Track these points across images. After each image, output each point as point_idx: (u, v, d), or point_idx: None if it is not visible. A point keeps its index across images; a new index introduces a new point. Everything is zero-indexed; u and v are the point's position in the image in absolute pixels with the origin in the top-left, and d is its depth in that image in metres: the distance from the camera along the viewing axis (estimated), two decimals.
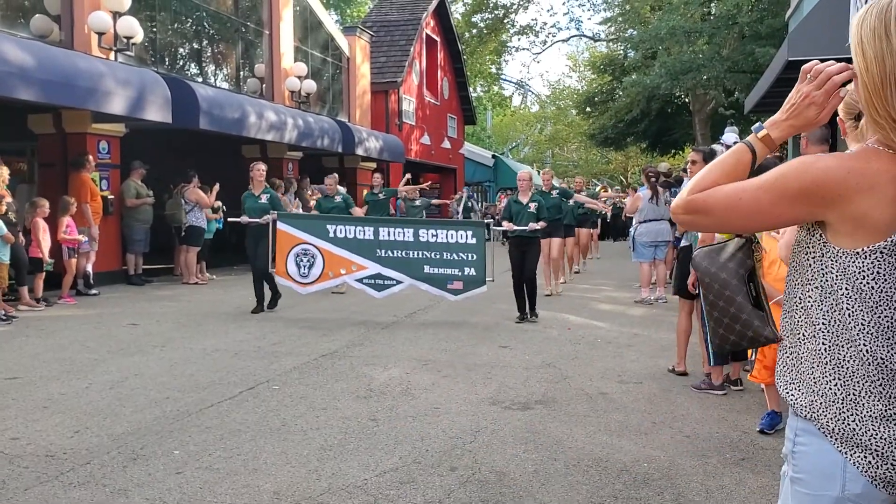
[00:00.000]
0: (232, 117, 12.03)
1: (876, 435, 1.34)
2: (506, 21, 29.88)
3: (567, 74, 59.06)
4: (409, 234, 8.08)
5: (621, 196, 18.74)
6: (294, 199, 13.38)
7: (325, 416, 4.52)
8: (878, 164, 1.33)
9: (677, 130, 26.23)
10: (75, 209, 9.42)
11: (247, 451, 3.89)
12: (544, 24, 48.83)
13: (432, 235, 8.03)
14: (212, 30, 14.37)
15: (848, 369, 1.36)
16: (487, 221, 8.99)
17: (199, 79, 13.63)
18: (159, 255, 12.33)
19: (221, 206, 11.70)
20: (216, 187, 11.47)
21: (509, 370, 5.80)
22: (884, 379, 1.34)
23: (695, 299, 5.37)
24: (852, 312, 1.36)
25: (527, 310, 8.10)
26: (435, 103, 25.06)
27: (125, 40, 10.79)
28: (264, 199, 8.64)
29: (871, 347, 1.35)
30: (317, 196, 12.92)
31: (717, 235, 4.78)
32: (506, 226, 8.26)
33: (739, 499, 3.36)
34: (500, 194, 26.17)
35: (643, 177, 9.90)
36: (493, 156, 31.38)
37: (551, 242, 10.02)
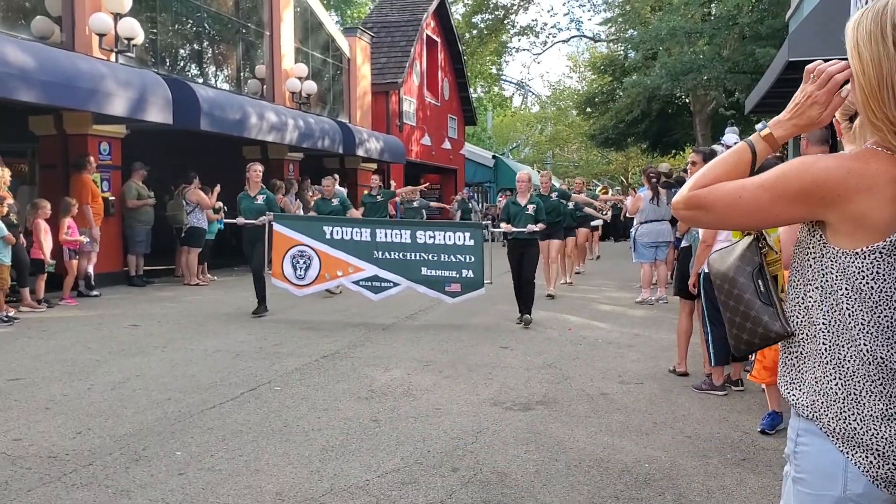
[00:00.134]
0: (233, 118, 12.05)
1: (877, 434, 1.35)
2: (506, 22, 29.92)
3: (567, 75, 59.10)
4: (406, 236, 7.96)
5: (621, 198, 18.76)
6: (295, 201, 13.38)
7: (327, 417, 4.53)
8: (877, 164, 1.34)
9: (678, 131, 26.25)
10: (76, 210, 9.44)
11: (249, 452, 3.90)
12: (544, 24, 48.95)
13: (430, 237, 7.92)
14: (212, 31, 14.38)
15: (848, 369, 1.37)
16: (485, 223, 8.89)
17: (200, 80, 13.65)
18: (160, 256, 12.34)
19: (223, 206, 11.71)
20: (217, 188, 11.48)
21: (510, 371, 5.81)
22: (884, 378, 1.35)
23: (695, 300, 5.38)
24: (852, 312, 1.36)
25: (520, 311, 7.95)
26: (435, 104, 25.08)
27: (126, 42, 10.81)
28: (260, 199, 8.53)
29: (871, 347, 1.35)
30: (318, 197, 12.90)
31: (725, 235, 4.80)
32: (504, 227, 8.13)
33: (740, 499, 3.36)
34: (500, 195, 26.16)
35: (644, 177, 9.91)
36: (493, 156, 31.39)
37: (550, 244, 10.00)
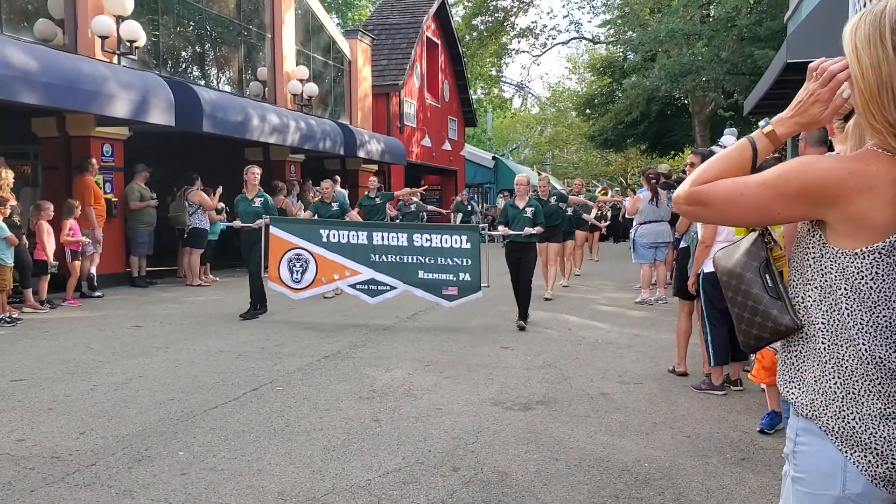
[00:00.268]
0: (234, 120, 12.08)
1: (876, 434, 1.36)
2: (506, 24, 29.93)
3: (567, 77, 59.04)
4: (403, 239, 7.88)
5: (620, 199, 18.78)
6: (297, 202, 13.40)
7: (329, 417, 4.55)
8: (878, 166, 1.35)
9: (677, 132, 26.27)
10: (80, 212, 9.47)
11: (251, 452, 3.93)
12: (544, 26, 48.72)
13: (426, 240, 7.83)
14: (214, 33, 14.41)
15: (847, 368, 1.38)
16: (482, 226, 8.78)
17: (202, 82, 13.68)
18: (163, 257, 12.37)
19: (225, 207, 11.75)
20: (219, 190, 11.51)
21: (510, 371, 5.83)
22: (883, 378, 1.36)
23: (694, 300, 5.40)
24: (851, 312, 1.38)
25: (518, 314, 7.84)
26: (436, 106, 25.10)
27: (128, 44, 10.83)
28: (258, 202, 8.47)
29: (870, 347, 1.36)
30: (317, 198, 12.88)
31: (724, 235, 4.82)
32: (501, 230, 8.01)
33: (740, 498, 3.38)
34: (500, 196, 26.18)
35: (643, 178, 9.92)
36: (493, 157, 31.38)
37: (548, 247, 9.99)
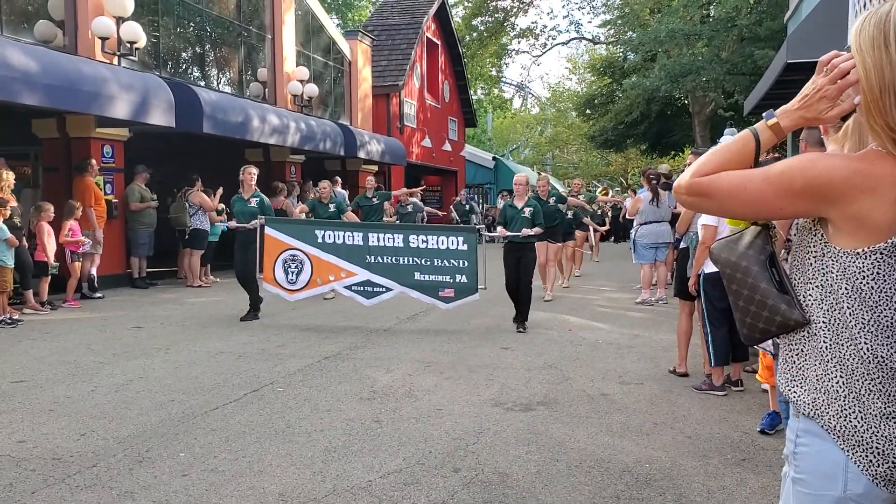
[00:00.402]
0: (235, 121, 12.09)
1: (877, 433, 1.36)
2: (506, 24, 29.93)
3: (567, 77, 59.02)
4: (399, 240, 7.79)
5: (620, 199, 18.78)
6: (297, 203, 13.40)
7: (329, 418, 4.55)
8: (883, 167, 1.35)
9: (677, 132, 26.27)
10: (80, 213, 9.48)
11: (252, 453, 3.93)
12: (544, 27, 48.64)
13: (423, 241, 7.74)
14: (214, 34, 14.42)
15: (849, 367, 1.38)
16: (479, 227, 8.70)
17: (202, 83, 13.68)
18: (163, 258, 12.38)
19: (225, 208, 11.75)
20: (220, 191, 11.51)
21: (511, 372, 5.83)
22: (884, 377, 1.36)
23: (695, 301, 5.40)
24: (852, 311, 1.38)
25: (514, 317, 7.75)
26: (436, 106, 25.12)
27: (129, 45, 10.84)
28: (253, 202, 8.39)
29: (871, 346, 1.37)
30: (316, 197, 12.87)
31: (727, 226, 4.80)
32: (500, 231, 7.89)
33: (741, 499, 3.38)
34: (500, 196, 26.19)
35: (643, 179, 9.92)
36: (493, 158, 31.40)
37: (547, 248, 9.95)
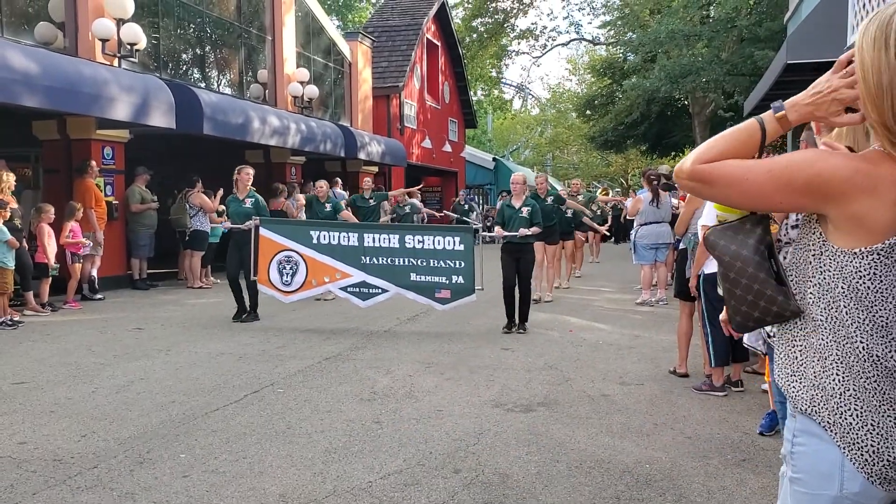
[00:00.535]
0: (235, 123, 12.10)
1: (872, 431, 1.37)
2: (506, 25, 29.96)
3: (567, 78, 59.08)
4: (394, 241, 7.70)
5: (621, 199, 18.78)
6: (297, 204, 13.39)
7: (330, 419, 4.56)
8: (885, 167, 1.36)
9: (677, 133, 26.29)
10: (81, 214, 9.49)
11: (252, 455, 3.93)
12: (544, 28, 48.62)
13: (419, 242, 7.64)
14: (215, 36, 14.43)
15: (846, 365, 1.39)
16: (476, 227, 8.67)
17: (203, 84, 13.69)
18: (164, 259, 12.40)
19: (225, 210, 11.75)
20: (220, 192, 11.51)
21: (511, 372, 5.84)
22: (880, 376, 1.37)
23: (695, 301, 5.40)
24: (849, 310, 1.39)
25: (516, 320, 7.65)
26: (436, 107, 25.14)
27: (129, 47, 10.86)
28: (248, 203, 8.35)
29: (867, 345, 1.37)
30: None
31: (715, 210, 4.80)
32: (497, 231, 7.81)
33: (741, 499, 3.39)
34: (500, 197, 26.21)
35: (644, 179, 9.92)
36: (493, 159, 31.42)
37: (545, 248, 9.93)
